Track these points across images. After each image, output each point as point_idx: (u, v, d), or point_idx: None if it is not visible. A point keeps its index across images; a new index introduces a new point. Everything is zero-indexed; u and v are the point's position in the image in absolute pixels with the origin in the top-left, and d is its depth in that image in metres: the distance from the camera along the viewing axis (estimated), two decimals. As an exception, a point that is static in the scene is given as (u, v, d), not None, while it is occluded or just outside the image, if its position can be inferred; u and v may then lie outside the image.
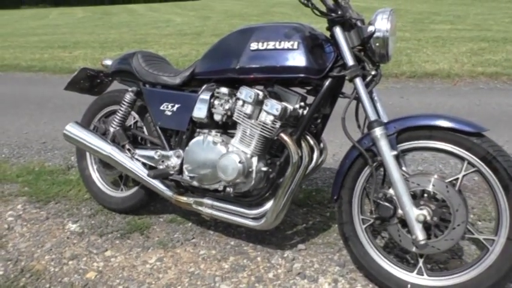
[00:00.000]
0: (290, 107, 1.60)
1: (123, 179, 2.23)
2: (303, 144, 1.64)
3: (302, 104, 1.65)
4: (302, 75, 1.56)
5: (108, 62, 2.18)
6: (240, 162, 1.63)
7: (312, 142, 1.68)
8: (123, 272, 1.74)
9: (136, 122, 2.17)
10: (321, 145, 1.80)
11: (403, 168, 1.53)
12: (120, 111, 2.08)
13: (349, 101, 1.57)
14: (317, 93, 1.60)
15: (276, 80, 1.66)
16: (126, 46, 9.01)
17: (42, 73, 6.95)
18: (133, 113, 2.14)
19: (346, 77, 1.52)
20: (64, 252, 1.89)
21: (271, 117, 1.59)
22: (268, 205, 1.68)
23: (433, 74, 5.58)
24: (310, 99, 1.66)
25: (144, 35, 11.55)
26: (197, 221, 2.12)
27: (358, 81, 1.51)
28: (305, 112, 1.63)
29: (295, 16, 13.08)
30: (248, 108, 1.63)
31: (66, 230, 2.08)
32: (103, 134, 2.15)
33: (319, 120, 1.72)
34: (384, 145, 1.46)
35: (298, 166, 1.60)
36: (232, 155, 1.65)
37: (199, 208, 1.83)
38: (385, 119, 1.57)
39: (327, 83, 1.57)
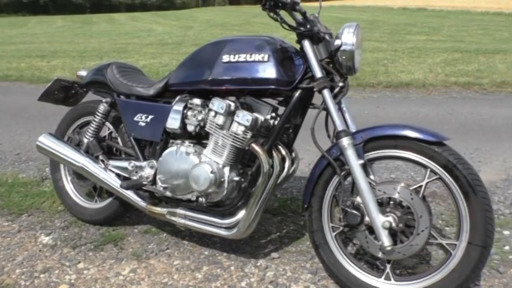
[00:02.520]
0: (261, 118, 1.64)
1: (97, 190, 2.22)
2: (274, 154, 1.67)
3: (273, 114, 1.68)
4: (272, 86, 1.60)
5: (83, 73, 2.19)
6: (212, 172, 1.65)
7: (283, 152, 1.72)
8: (95, 284, 1.73)
9: (111, 133, 2.17)
10: (293, 154, 1.84)
11: (371, 177, 1.58)
12: (94, 122, 2.08)
13: (318, 111, 1.62)
14: (288, 104, 1.64)
15: (248, 92, 1.70)
16: (106, 55, 8.95)
17: (19, 82, 6.85)
18: (108, 123, 2.14)
19: (315, 89, 1.56)
20: (36, 265, 1.87)
21: (243, 128, 1.62)
22: (241, 214, 1.70)
23: (409, 84, 5.73)
24: (281, 109, 1.70)
25: (124, 44, 11.50)
26: (172, 232, 2.13)
27: (326, 92, 1.56)
28: (276, 123, 1.67)
29: (275, 26, 13.22)
30: (220, 119, 1.65)
31: (38, 243, 2.06)
32: (77, 145, 2.14)
33: (290, 131, 1.76)
34: (350, 154, 1.51)
35: (270, 175, 1.63)
36: (204, 165, 1.67)
37: (173, 218, 1.84)
38: (353, 129, 1.62)
39: (297, 94, 1.61)
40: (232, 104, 1.66)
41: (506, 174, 2.73)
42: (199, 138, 1.81)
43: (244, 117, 1.61)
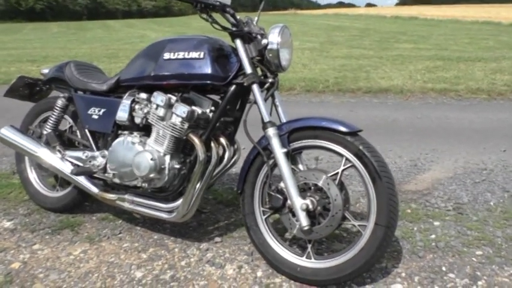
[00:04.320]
0: (198, 111, 1.82)
1: (58, 179, 2.40)
2: (212, 145, 1.85)
3: (212, 108, 1.86)
4: (208, 81, 1.78)
5: (46, 71, 2.37)
6: (151, 159, 1.83)
7: (224, 142, 1.89)
8: (46, 263, 1.90)
9: (71, 126, 2.35)
10: (235, 146, 2.01)
11: (300, 166, 1.76)
12: (53, 116, 2.27)
13: (249, 105, 1.80)
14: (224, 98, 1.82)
15: (192, 87, 1.88)
16: (96, 60, 9.16)
17: (6, 86, 7.02)
18: (67, 117, 2.33)
19: (245, 83, 1.74)
20: (-6, 246, 2.04)
21: (180, 119, 1.80)
22: (181, 200, 1.87)
23: (387, 90, 5.94)
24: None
25: (116, 50, 11.75)
26: (127, 219, 2.30)
27: (254, 87, 1.74)
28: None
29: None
30: (161, 111, 1.84)
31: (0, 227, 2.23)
32: (38, 138, 2.32)
33: (231, 124, 1.94)
34: (275, 143, 1.69)
35: (205, 163, 1.80)
36: (146, 153, 1.85)
37: (122, 204, 2.02)
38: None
39: (232, 89, 1.79)
40: (173, 98, 1.84)
41: (453, 172, 2.91)
42: (146, 129, 1.98)
43: (181, 110, 1.79)
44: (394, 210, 1.57)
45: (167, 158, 1.87)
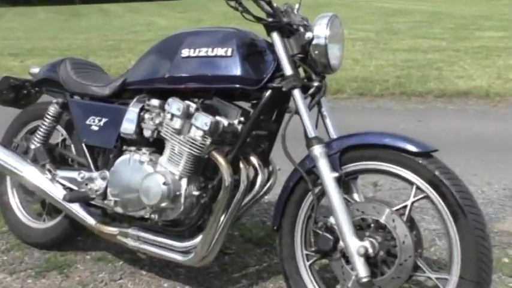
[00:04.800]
0: (224, 122, 1.83)
1: (46, 206, 2.46)
2: (241, 166, 1.85)
3: (242, 119, 1.87)
4: (237, 85, 1.80)
5: (36, 70, 2.46)
6: (164, 183, 1.84)
7: (255, 163, 1.90)
8: (29, 314, 1.94)
9: (65, 139, 2.42)
10: (270, 168, 2.02)
11: (355, 195, 1.73)
12: (43, 126, 2.34)
13: (290, 115, 1.80)
14: (256, 106, 1.83)
15: (215, 92, 1.90)
16: (93, 54, 9.46)
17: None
18: (60, 128, 2.40)
19: (283, 88, 1.75)
20: (-36, 290, 2.10)
21: (201, 133, 1.81)
22: (200, 237, 1.88)
23: (467, 93, 5.83)
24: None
25: (117, 40, 12.10)
26: (130, 260, 2.32)
27: (296, 92, 1.74)
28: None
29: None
30: (177, 123, 1.86)
31: (-28, 266, 2.29)
32: (24, 153, 2.40)
33: (265, 139, 1.95)
34: (323, 165, 1.67)
35: (232, 190, 1.80)
36: (157, 176, 1.87)
37: (124, 240, 2.04)
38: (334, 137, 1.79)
39: (267, 94, 1.80)
40: (193, 106, 1.86)
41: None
42: (158, 145, 2.00)
43: (202, 121, 1.80)
44: (486, 259, 1.52)
45: (184, 182, 1.88)
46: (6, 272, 2.24)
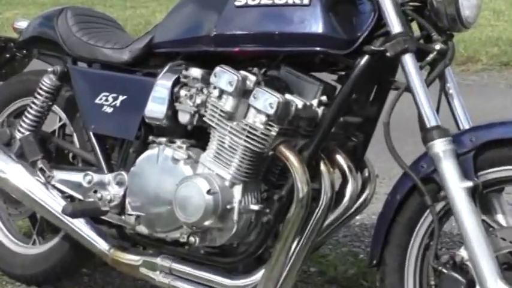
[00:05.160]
0: (297, 102, 1.90)
1: (37, 223, 2.62)
2: (323, 168, 1.94)
3: (324, 98, 1.95)
4: (317, 48, 1.87)
5: (23, 25, 2.61)
6: (209, 192, 1.94)
7: (344, 165, 1.98)
8: None
9: (64, 126, 2.58)
10: (365, 172, 2.10)
11: (499, 216, 1.78)
12: (33, 107, 2.49)
13: (397, 94, 1.86)
14: (347, 79, 1.90)
15: (283, 58, 1.99)
16: (101, 3, 9.71)
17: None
18: (57, 109, 2.55)
19: (388, 53, 1.80)
20: None
21: (263, 118, 1.90)
22: (261, 272, 1.97)
23: None
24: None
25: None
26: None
27: (408, 59, 1.79)
28: (327, 112, 1.94)
29: None
30: (228, 103, 1.95)
31: None
32: (6, 144, 2.56)
33: (359, 129, 2.03)
34: (448, 169, 1.72)
35: (308, 204, 1.89)
36: (198, 180, 1.97)
37: (150, 274, 2.16)
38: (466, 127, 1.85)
39: (362, 62, 1.86)
40: (251, 78, 1.95)
41: None
42: (199, 136, 2.11)
43: (265, 100, 1.88)
44: None
45: (237, 190, 1.98)
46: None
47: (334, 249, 2.79)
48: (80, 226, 2.31)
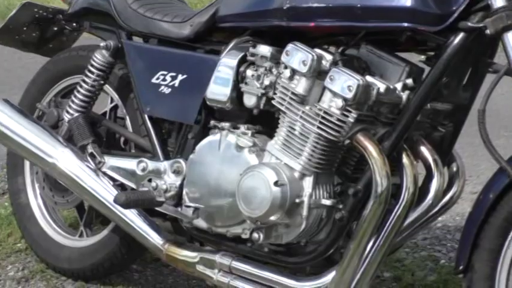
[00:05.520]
0: (379, 85, 1.86)
1: (84, 214, 2.63)
2: (405, 161, 1.89)
3: (409, 81, 1.91)
4: (405, 24, 1.82)
5: (73, -4, 2.63)
6: (276, 184, 1.92)
7: (430, 158, 1.93)
8: None
9: (115, 107, 2.58)
10: (453, 167, 2.05)
11: None
12: (83, 86, 2.49)
13: (496, 77, 1.80)
14: (438, 60, 1.84)
15: (366, 35, 1.95)
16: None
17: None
18: (111, 90, 2.56)
19: (487, 30, 1.74)
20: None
21: (340, 102, 1.86)
22: (332, 273, 1.94)
23: None
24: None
25: None
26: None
27: (511, 37, 1.74)
28: (413, 97, 1.89)
29: None
30: (300, 84, 1.92)
31: (-26, 302, 2.53)
32: (53, 126, 2.58)
33: (449, 117, 1.98)
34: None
35: (387, 200, 1.85)
36: (264, 170, 1.95)
37: (208, 273, 2.15)
38: None
39: (456, 40, 1.80)
40: (327, 57, 1.93)
41: None
42: (266, 121, 2.10)
43: (343, 82, 1.84)
44: None
45: (308, 183, 1.95)
46: (24, 312, 2.47)
47: (412, 253, 2.75)
48: (133, 218, 2.31)
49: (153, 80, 2.29)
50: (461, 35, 1.80)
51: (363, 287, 1.92)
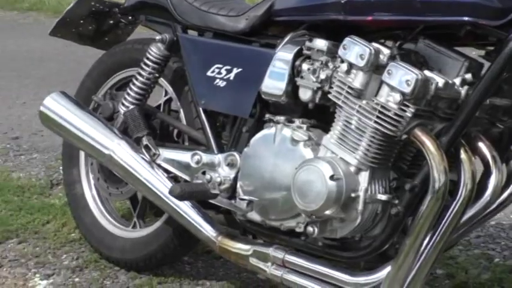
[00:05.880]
0: (437, 80, 1.82)
1: (138, 205, 2.65)
2: (463, 157, 1.85)
3: (468, 76, 1.87)
4: (465, 18, 1.78)
5: (129, -11, 2.63)
6: (332, 178, 1.89)
7: (488, 155, 1.89)
8: None
9: (170, 100, 2.58)
10: (511, 163, 2.01)
11: None
12: (139, 79, 2.50)
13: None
14: (498, 56, 1.80)
15: (422, 30, 1.92)
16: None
17: (36, 13, 7.96)
18: (165, 83, 2.56)
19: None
20: (20, 323, 2.35)
21: (398, 97, 1.83)
22: (387, 269, 1.91)
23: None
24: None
25: None
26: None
27: None
28: (472, 93, 1.85)
29: None
30: (357, 78, 1.90)
31: (28, 289, 2.55)
32: (109, 119, 2.60)
33: (508, 113, 1.93)
34: None
35: (444, 196, 1.81)
36: (320, 165, 1.92)
37: (261, 266, 2.14)
38: None
39: (518, 36, 1.78)
40: (385, 51, 1.89)
41: None
42: (322, 115, 2.08)
43: (401, 76, 1.81)
44: None
45: (364, 177, 1.92)
46: (80, 301, 2.48)
47: (465, 250, 2.72)
48: (186, 210, 2.31)
49: (208, 73, 2.28)
50: None
51: (418, 283, 1.89)
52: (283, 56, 2.09)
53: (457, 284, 2.50)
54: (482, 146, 1.89)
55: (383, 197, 1.92)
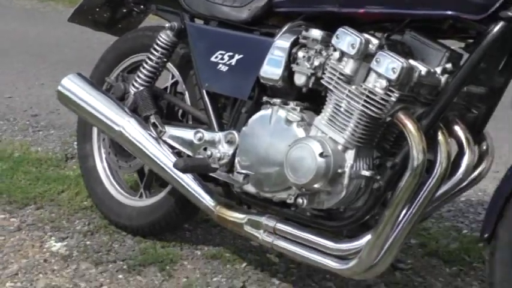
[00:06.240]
0: (420, 69, 1.84)
1: (144, 177, 2.67)
2: (440, 138, 1.87)
3: (449, 66, 1.88)
4: (449, 12, 1.80)
5: (141, -22, 2.64)
6: (321, 155, 1.91)
7: (462, 136, 1.91)
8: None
9: (176, 83, 2.60)
10: (483, 145, 2.04)
11: None
12: (148, 62, 2.51)
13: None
14: (477, 47, 1.81)
15: (409, 23, 1.94)
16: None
17: (54, 3, 7.93)
18: (172, 67, 2.57)
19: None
20: (36, 280, 2.35)
21: (384, 82, 1.84)
22: (367, 237, 1.94)
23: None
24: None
25: None
26: (257, 262, 2.49)
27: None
28: (451, 81, 1.86)
29: None
30: (348, 65, 1.91)
31: (45, 250, 2.57)
32: (120, 98, 2.62)
33: (482, 100, 1.95)
34: None
35: (422, 173, 1.82)
36: (310, 143, 1.94)
37: (254, 233, 2.16)
38: None
39: (496, 29, 1.77)
40: (374, 41, 1.91)
41: None
42: (314, 99, 2.09)
43: (388, 64, 1.83)
44: None
45: (350, 155, 1.94)
46: (90, 261, 2.49)
47: (437, 223, 2.78)
48: (188, 182, 2.34)
49: (212, 59, 2.30)
50: (501, 24, 1.77)
51: (394, 250, 1.91)
52: (281, 44, 2.11)
53: (429, 252, 2.55)
54: (458, 129, 1.91)
55: (366, 173, 1.94)
